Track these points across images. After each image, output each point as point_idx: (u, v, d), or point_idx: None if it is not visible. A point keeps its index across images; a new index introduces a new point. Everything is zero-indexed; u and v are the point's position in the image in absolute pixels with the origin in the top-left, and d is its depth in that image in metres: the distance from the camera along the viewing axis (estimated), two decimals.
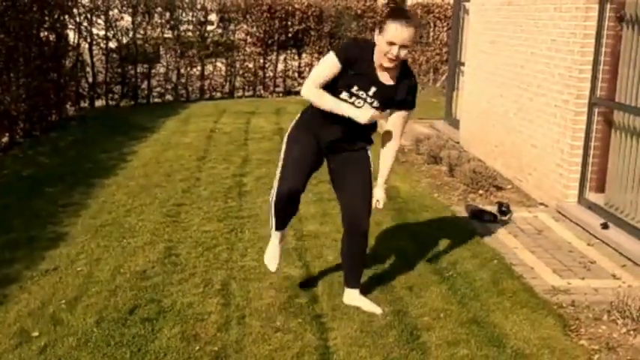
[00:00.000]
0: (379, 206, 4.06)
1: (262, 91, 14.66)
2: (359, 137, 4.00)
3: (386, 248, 5.11)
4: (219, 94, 14.41)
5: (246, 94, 14.66)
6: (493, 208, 6.12)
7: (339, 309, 4.10)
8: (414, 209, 6.17)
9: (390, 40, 3.60)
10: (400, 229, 5.60)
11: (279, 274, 4.43)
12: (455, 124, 9.91)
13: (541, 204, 6.50)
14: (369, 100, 3.81)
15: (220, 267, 4.71)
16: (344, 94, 3.80)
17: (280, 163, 4.00)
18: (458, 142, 9.06)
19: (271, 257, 4.21)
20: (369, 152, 4.07)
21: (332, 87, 3.80)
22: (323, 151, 4.03)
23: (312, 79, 3.83)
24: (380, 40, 3.67)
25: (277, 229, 4.13)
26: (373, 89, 3.80)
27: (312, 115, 3.98)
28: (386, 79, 3.80)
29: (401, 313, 4.07)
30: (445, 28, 15.22)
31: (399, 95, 3.86)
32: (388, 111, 3.97)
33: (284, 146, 4.05)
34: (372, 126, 3.96)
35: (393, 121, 4.02)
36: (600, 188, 6.07)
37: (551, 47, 6.48)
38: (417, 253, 5.04)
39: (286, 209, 4.02)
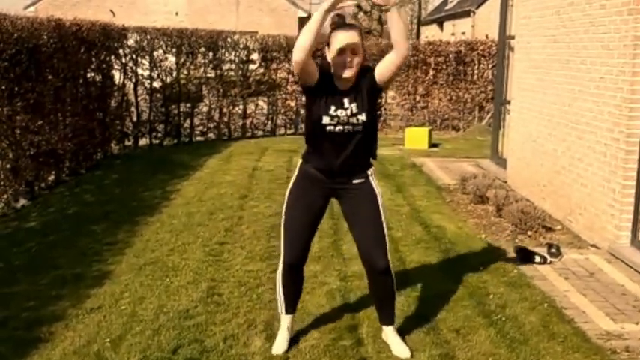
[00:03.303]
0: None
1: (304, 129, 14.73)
2: (360, 159, 3.92)
3: (432, 290, 5.01)
4: (260, 133, 14.53)
5: (288, 132, 14.76)
6: (542, 250, 5.98)
7: (384, 352, 4.01)
8: (460, 250, 6.05)
9: (339, 47, 3.67)
10: (446, 271, 5.49)
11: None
12: (501, 163, 9.79)
13: (592, 245, 6.33)
14: (348, 112, 3.77)
15: (263, 307, 4.66)
16: (325, 119, 3.78)
17: (282, 227, 4.01)
18: (505, 182, 8.92)
19: (279, 345, 4.06)
20: (374, 184, 3.97)
21: (312, 118, 3.83)
22: (327, 195, 3.99)
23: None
24: (330, 55, 3.75)
25: (287, 312, 4.12)
26: (346, 100, 3.78)
27: (309, 152, 3.97)
28: (349, 84, 3.80)
29: (448, 357, 3.97)
30: (490, 66, 15.17)
31: (371, 77, 3.81)
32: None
33: (284, 205, 4.02)
34: (370, 145, 3.92)
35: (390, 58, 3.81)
36: None
37: (599, 85, 6.38)
38: (463, 295, 4.93)
39: (295, 284, 4.09)
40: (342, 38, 3.68)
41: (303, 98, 15.67)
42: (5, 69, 7.31)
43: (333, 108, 3.77)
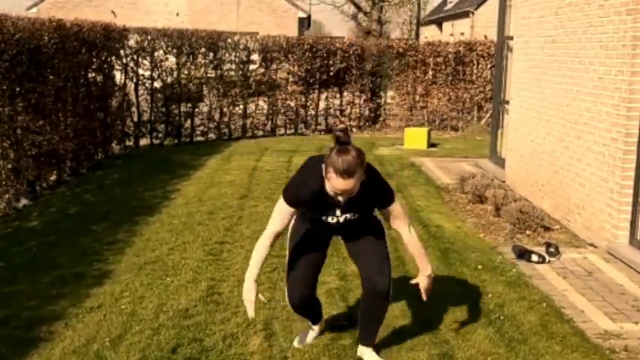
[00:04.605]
0: (424, 298, 3.93)
1: (304, 129, 14.77)
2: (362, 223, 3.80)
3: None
4: (261, 133, 14.55)
5: (288, 132, 14.78)
6: (541, 249, 6.00)
7: (383, 351, 4.02)
8: (459, 250, 6.07)
9: (335, 191, 3.46)
10: (445, 270, 5.50)
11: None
12: (500, 162, 9.80)
13: (590, 245, 6.34)
14: (340, 216, 3.65)
15: (262, 306, 4.65)
16: (316, 216, 3.70)
17: (287, 258, 3.94)
18: (504, 181, 8.94)
19: (308, 339, 4.19)
20: (378, 216, 3.88)
21: (302, 216, 3.77)
22: (331, 232, 3.90)
23: (269, 229, 3.73)
24: (327, 182, 3.46)
25: (314, 323, 4.18)
26: (338, 209, 3.63)
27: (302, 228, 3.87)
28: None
29: (447, 357, 3.98)
30: (489, 66, 15.17)
31: (371, 199, 3.65)
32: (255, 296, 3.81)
33: (288, 235, 3.93)
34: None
35: (390, 223, 3.81)
36: None
37: (598, 85, 6.39)
38: (462, 295, 4.94)
39: (307, 310, 4.09)
40: (337, 184, 3.40)
41: (303, 98, 15.70)
42: (6, 69, 7.33)
43: (324, 216, 3.66)
